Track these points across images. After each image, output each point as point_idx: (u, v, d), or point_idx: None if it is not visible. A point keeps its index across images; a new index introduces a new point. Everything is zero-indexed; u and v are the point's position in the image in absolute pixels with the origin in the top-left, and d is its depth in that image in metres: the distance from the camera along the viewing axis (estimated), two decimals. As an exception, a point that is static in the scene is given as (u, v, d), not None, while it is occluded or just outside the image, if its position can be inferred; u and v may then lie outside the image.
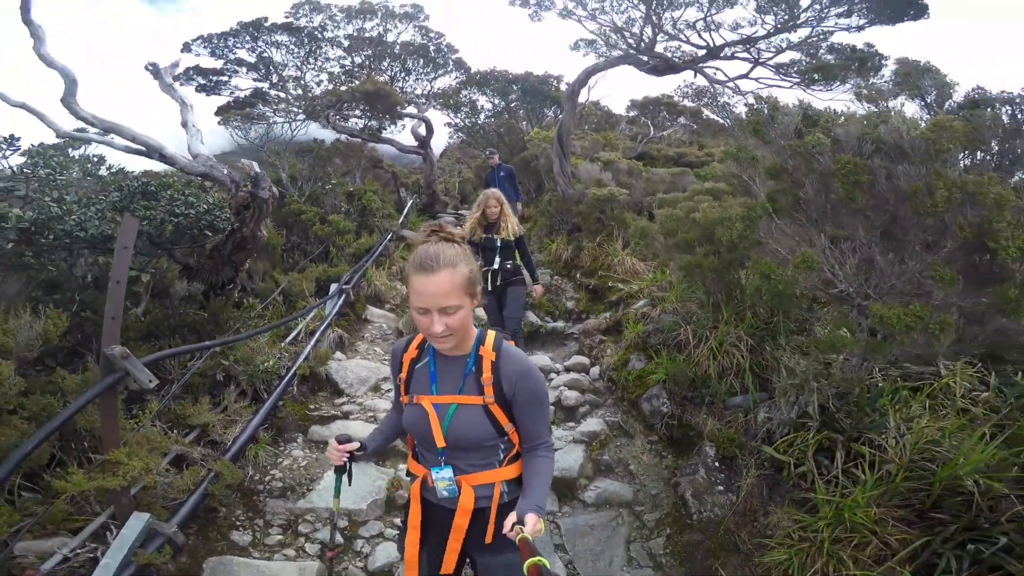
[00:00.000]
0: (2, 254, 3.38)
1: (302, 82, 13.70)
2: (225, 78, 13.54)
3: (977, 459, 2.15)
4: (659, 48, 8.03)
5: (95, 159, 4.42)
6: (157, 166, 5.48)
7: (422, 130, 13.82)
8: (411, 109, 14.31)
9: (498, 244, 4.39)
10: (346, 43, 14.65)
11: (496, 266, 4.41)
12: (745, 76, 7.96)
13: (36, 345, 3.32)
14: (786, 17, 7.22)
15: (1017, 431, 2.22)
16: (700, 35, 7.78)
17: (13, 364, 2.99)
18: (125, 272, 2.86)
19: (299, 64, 13.91)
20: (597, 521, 3.17)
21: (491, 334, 1.62)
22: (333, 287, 6.07)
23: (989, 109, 2.83)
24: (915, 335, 2.35)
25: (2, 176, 3.43)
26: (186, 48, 12.93)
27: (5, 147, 3.64)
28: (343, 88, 13.11)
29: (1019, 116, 2.61)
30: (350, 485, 1.77)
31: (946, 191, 2.23)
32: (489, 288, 4.43)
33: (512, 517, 1.42)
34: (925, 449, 2.39)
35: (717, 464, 3.18)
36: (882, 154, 2.51)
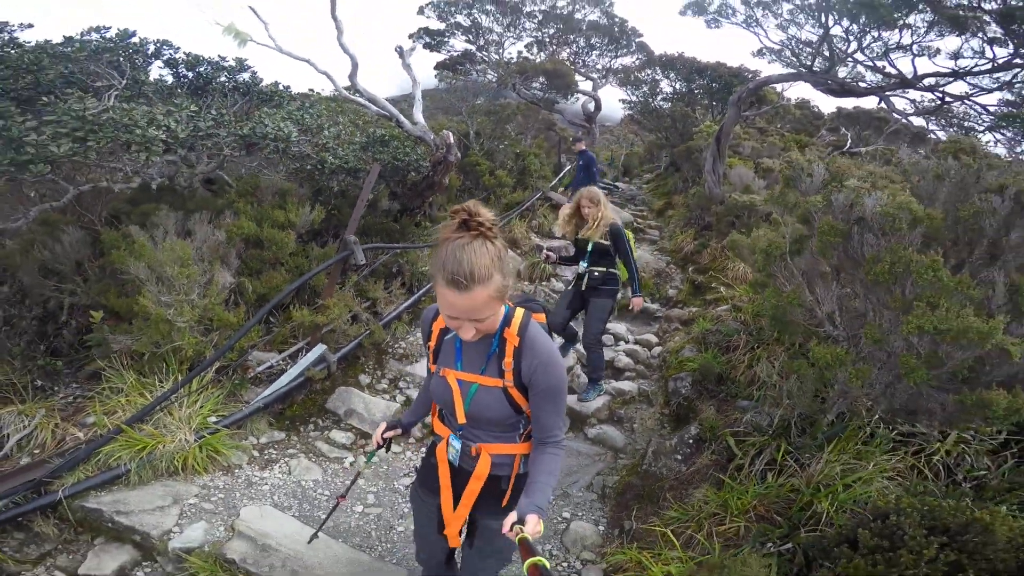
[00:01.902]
0: (308, 172, 5.67)
1: (501, 49, 16.22)
2: (445, 39, 16.70)
3: (853, 494, 2.60)
4: (842, 73, 7.23)
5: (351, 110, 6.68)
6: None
7: (591, 106, 15.71)
8: (586, 85, 16.07)
9: (589, 248, 4.18)
10: (540, 16, 16.52)
11: (582, 270, 4.28)
12: (931, 113, 6.75)
13: (306, 226, 5.60)
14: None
15: (927, 489, 2.53)
16: (891, 63, 6.80)
17: (294, 235, 5.24)
18: (367, 196, 4.77)
19: (501, 31, 16.49)
20: (586, 451, 4.17)
21: (519, 313, 1.54)
22: (486, 226, 7.81)
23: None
24: (836, 372, 2.79)
25: (322, 135, 5.65)
26: (420, 11, 16.26)
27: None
28: (529, 61, 15.57)
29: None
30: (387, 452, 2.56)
31: (887, 263, 2.57)
32: (571, 284, 4.45)
33: (512, 516, 1.42)
34: (833, 477, 2.83)
35: (690, 441, 3.88)
36: (863, 223, 2.83)
